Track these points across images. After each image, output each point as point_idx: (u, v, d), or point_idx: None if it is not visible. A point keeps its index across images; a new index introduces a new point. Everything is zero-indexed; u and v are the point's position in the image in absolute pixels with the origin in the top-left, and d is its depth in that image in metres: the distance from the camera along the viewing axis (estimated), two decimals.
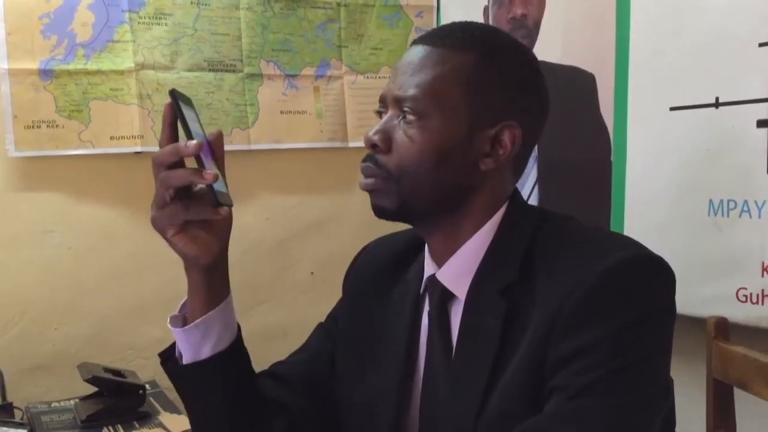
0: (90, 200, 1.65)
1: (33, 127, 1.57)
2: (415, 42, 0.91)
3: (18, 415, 1.46)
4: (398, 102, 0.87)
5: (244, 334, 0.99)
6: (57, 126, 1.59)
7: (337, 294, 2.00)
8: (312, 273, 1.95)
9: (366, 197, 0.89)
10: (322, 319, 2.10)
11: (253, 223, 1.86)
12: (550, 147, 1.53)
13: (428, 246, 0.94)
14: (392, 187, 0.87)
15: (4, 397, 1.46)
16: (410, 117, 0.86)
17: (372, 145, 0.88)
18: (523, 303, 0.82)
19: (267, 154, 1.84)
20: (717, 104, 1.24)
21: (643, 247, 0.84)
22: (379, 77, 1.95)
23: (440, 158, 0.86)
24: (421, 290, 0.95)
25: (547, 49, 1.58)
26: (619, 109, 1.41)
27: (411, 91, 0.86)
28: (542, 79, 0.92)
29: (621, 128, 1.40)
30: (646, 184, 1.36)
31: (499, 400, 0.81)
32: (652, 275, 0.82)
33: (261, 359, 1.84)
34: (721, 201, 1.23)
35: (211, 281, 0.89)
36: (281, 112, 1.86)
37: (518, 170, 0.93)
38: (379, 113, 0.91)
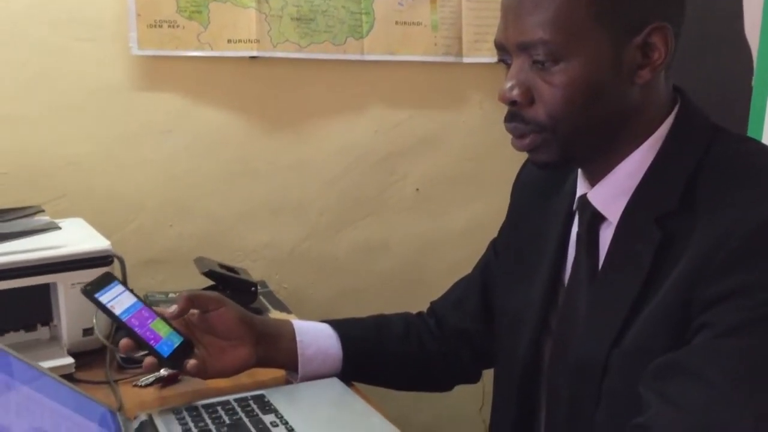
0: (206, 102, 1.68)
1: (155, 26, 1.59)
2: None
3: None
4: (525, 49, 0.80)
5: (345, 245, 1.03)
6: (177, 26, 1.61)
7: (440, 212, 1.99)
8: (417, 189, 1.94)
9: (476, 115, 0.85)
10: (426, 236, 2.10)
11: (361, 135, 1.85)
12: (683, 66, 1.42)
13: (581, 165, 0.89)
14: (549, 139, 0.81)
15: (125, 284, 1.55)
16: (545, 62, 0.78)
17: (512, 102, 0.82)
18: (678, 234, 0.76)
19: (379, 65, 1.81)
20: None
21: None
22: None
23: (591, 93, 0.78)
24: (574, 207, 0.90)
25: None
26: (767, 28, 1.28)
27: (537, 35, 0.78)
28: None
29: None
30: None
31: (639, 332, 0.76)
32: None
33: (363, 269, 1.88)
34: None
35: (273, 364, 1.10)
36: (396, 23, 1.80)
37: (669, 73, 0.83)
38: (503, 61, 0.84)
